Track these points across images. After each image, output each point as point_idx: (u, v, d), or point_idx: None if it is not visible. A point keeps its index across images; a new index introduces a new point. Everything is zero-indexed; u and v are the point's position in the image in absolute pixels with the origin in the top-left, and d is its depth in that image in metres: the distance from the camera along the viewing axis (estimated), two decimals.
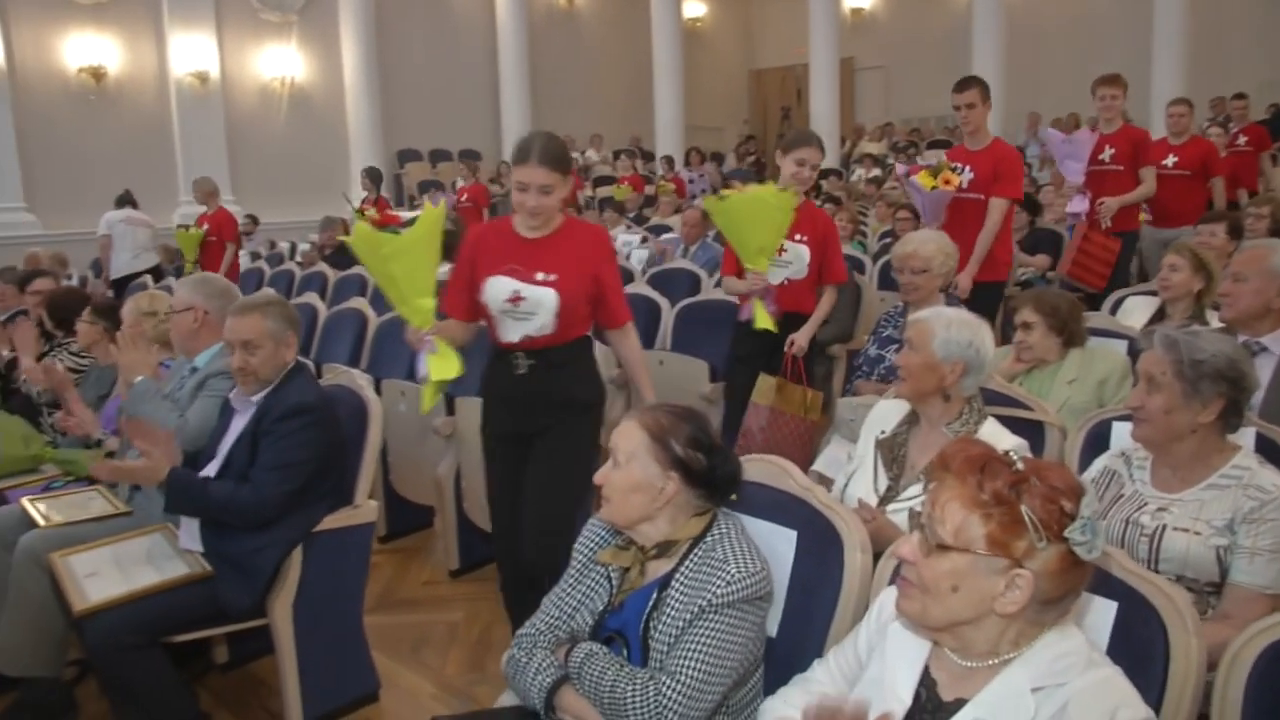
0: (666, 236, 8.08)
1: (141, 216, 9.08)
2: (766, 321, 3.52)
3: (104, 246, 9.01)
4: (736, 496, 1.81)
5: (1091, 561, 1.24)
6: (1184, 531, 1.86)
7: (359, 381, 2.89)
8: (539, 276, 2.60)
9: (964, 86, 4.51)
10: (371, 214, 2.31)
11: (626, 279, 5.95)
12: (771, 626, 1.76)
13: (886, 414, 2.38)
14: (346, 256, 7.96)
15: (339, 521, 2.71)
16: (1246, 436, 2.06)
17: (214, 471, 2.67)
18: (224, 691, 3.04)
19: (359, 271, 7.07)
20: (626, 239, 8.38)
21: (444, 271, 2.81)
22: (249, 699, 3.00)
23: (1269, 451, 2.04)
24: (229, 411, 2.78)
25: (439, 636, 3.32)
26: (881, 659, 1.37)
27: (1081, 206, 5.41)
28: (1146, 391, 1.95)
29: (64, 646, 2.84)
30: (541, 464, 2.69)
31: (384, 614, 3.45)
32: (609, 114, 15.87)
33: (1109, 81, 5.33)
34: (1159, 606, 1.41)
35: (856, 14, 16.90)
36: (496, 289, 2.62)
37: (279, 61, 13.07)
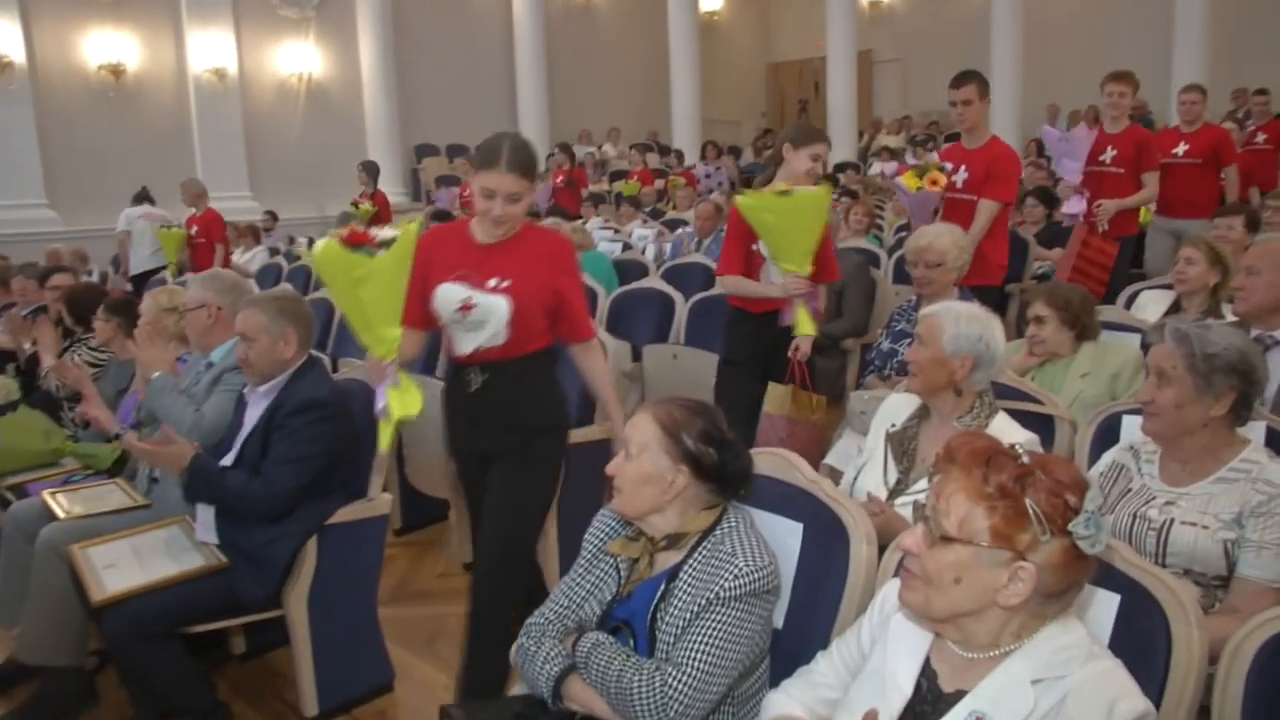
0: (680, 230, 8.08)
1: (159, 213, 9.15)
2: (809, 326, 3.41)
3: (122, 243, 9.09)
4: (746, 492, 1.82)
5: (1095, 556, 1.24)
6: (1192, 525, 1.86)
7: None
8: (491, 284, 2.42)
9: (961, 82, 4.32)
10: (340, 232, 2.07)
11: (640, 273, 6.00)
12: (778, 618, 1.77)
13: (897, 407, 2.39)
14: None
15: (353, 514, 2.74)
16: (1256, 430, 2.06)
17: (229, 464, 2.70)
18: (241, 681, 3.07)
19: None
20: (642, 233, 8.39)
21: None
22: (265, 689, 3.03)
23: (1279, 445, 2.04)
24: (243, 405, 2.81)
25: (453, 628, 3.34)
26: (883, 650, 1.38)
27: (1078, 207, 5.13)
28: (1157, 385, 1.95)
29: (84, 637, 2.88)
30: (496, 497, 2.52)
31: (399, 606, 3.48)
32: (626, 108, 15.85)
33: (1119, 78, 5.09)
34: (1161, 599, 1.41)
35: (874, 7, 16.81)
36: (447, 296, 2.45)
37: (297, 58, 13.12)
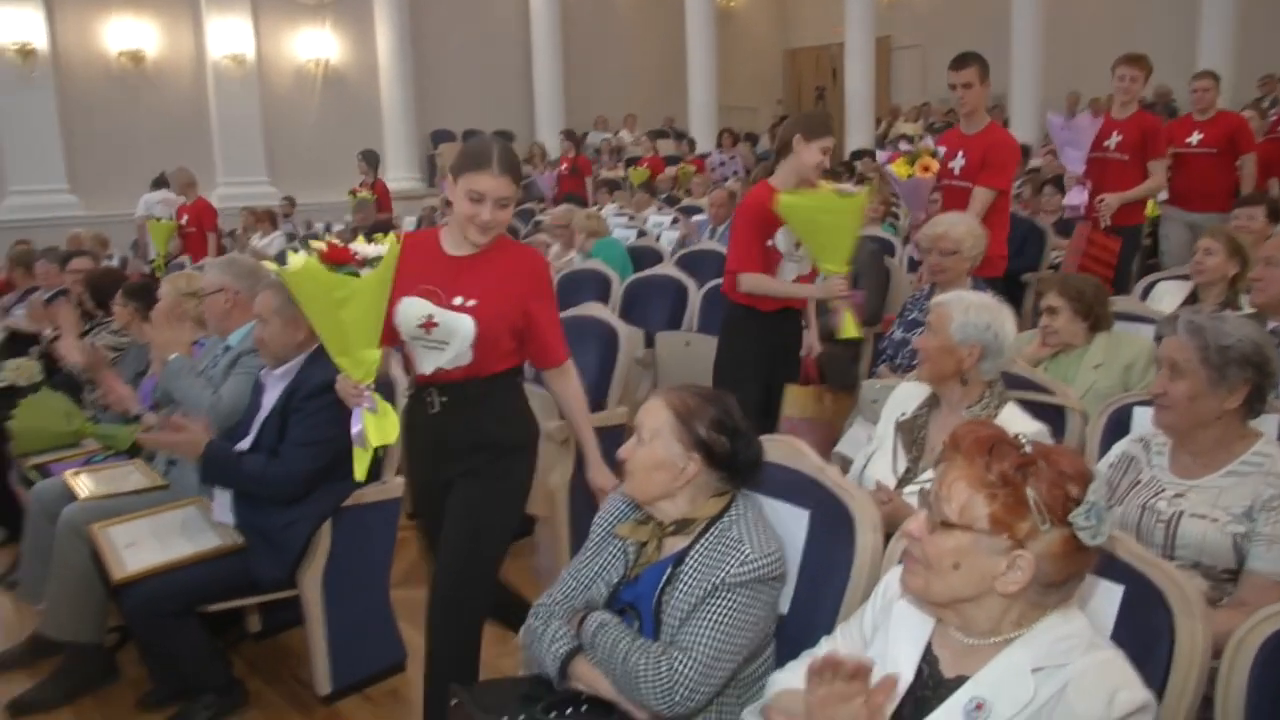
0: (698, 218, 8.07)
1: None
2: (855, 329, 3.37)
3: (141, 227, 9.16)
4: (756, 482, 1.83)
5: (1096, 547, 1.25)
6: (1201, 518, 1.86)
7: (388, 360, 2.93)
8: (456, 301, 2.24)
9: (961, 64, 4.10)
10: (320, 245, 1.93)
11: (655, 259, 6.01)
12: (784, 604, 1.78)
13: (907, 396, 2.39)
14: (383, 229, 8.03)
15: (367, 497, 2.77)
16: (1269, 424, 2.05)
17: (246, 446, 2.74)
18: (256, 660, 3.12)
19: None
20: (657, 220, 8.39)
21: None
22: (280, 667, 3.08)
23: None
24: (261, 388, 2.85)
25: None
26: (886, 636, 1.40)
27: (1079, 199, 4.90)
28: (1169, 378, 1.94)
29: (105, 614, 2.94)
30: (456, 515, 2.33)
31: (411, 588, 3.51)
32: (642, 94, 15.80)
33: (1131, 61, 4.83)
34: (1165, 591, 1.42)
35: None
36: (409, 311, 2.26)
37: (314, 44, 13.17)
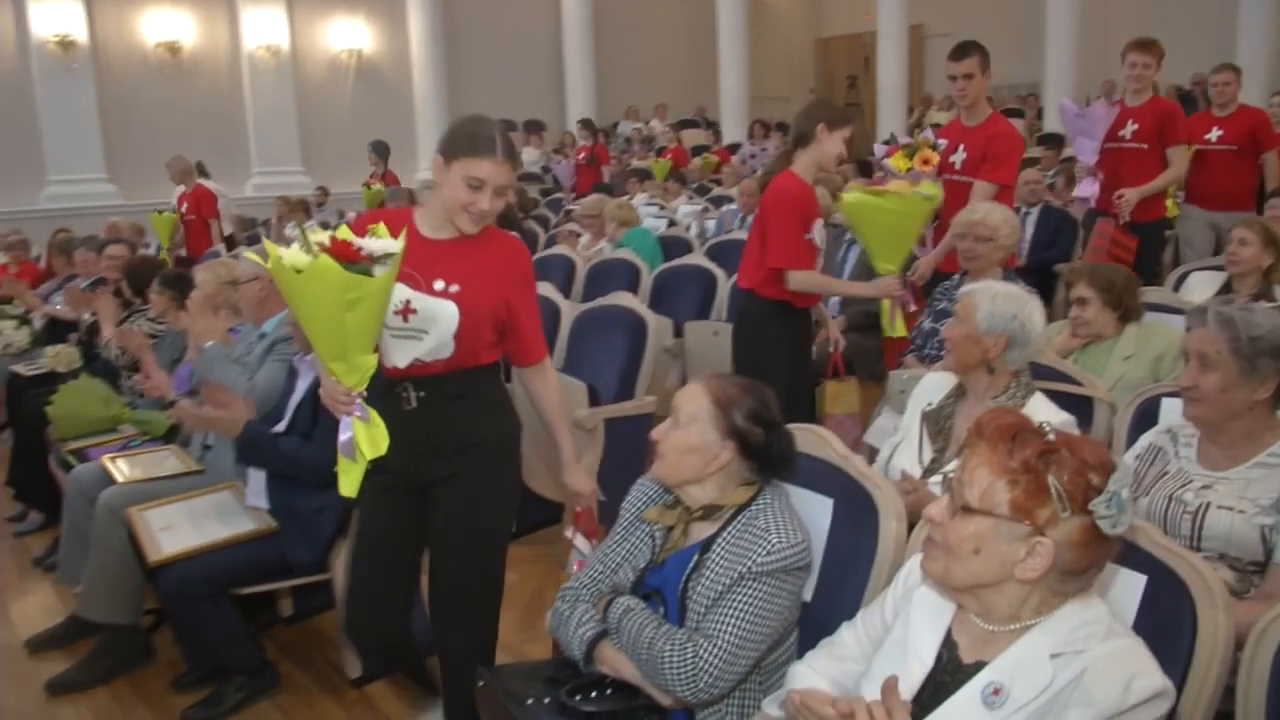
0: (728, 207, 8.07)
1: (215, 187, 9.33)
2: (904, 328, 3.37)
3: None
4: (788, 475, 1.85)
5: (1117, 536, 1.25)
6: (1228, 510, 1.85)
7: None
8: (438, 286, 2.08)
9: (961, 54, 3.97)
10: (321, 238, 1.79)
11: (684, 249, 6.01)
12: (807, 592, 1.79)
13: (934, 387, 2.39)
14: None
15: None
16: None
17: (281, 430, 2.79)
18: (288, 644, 3.18)
19: None
20: (687, 209, 8.39)
21: None
22: (311, 651, 3.13)
23: None
24: (294, 374, 2.89)
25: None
26: (906, 622, 1.40)
27: (1090, 191, 4.63)
28: (1199, 370, 1.93)
29: (141, 596, 3.01)
30: (458, 517, 2.20)
31: None
32: (674, 84, 15.76)
33: (1142, 47, 4.62)
34: (1188, 581, 1.41)
35: None
36: None
37: (347, 35, 13.27)
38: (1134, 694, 1.18)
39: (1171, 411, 2.20)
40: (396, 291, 2.02)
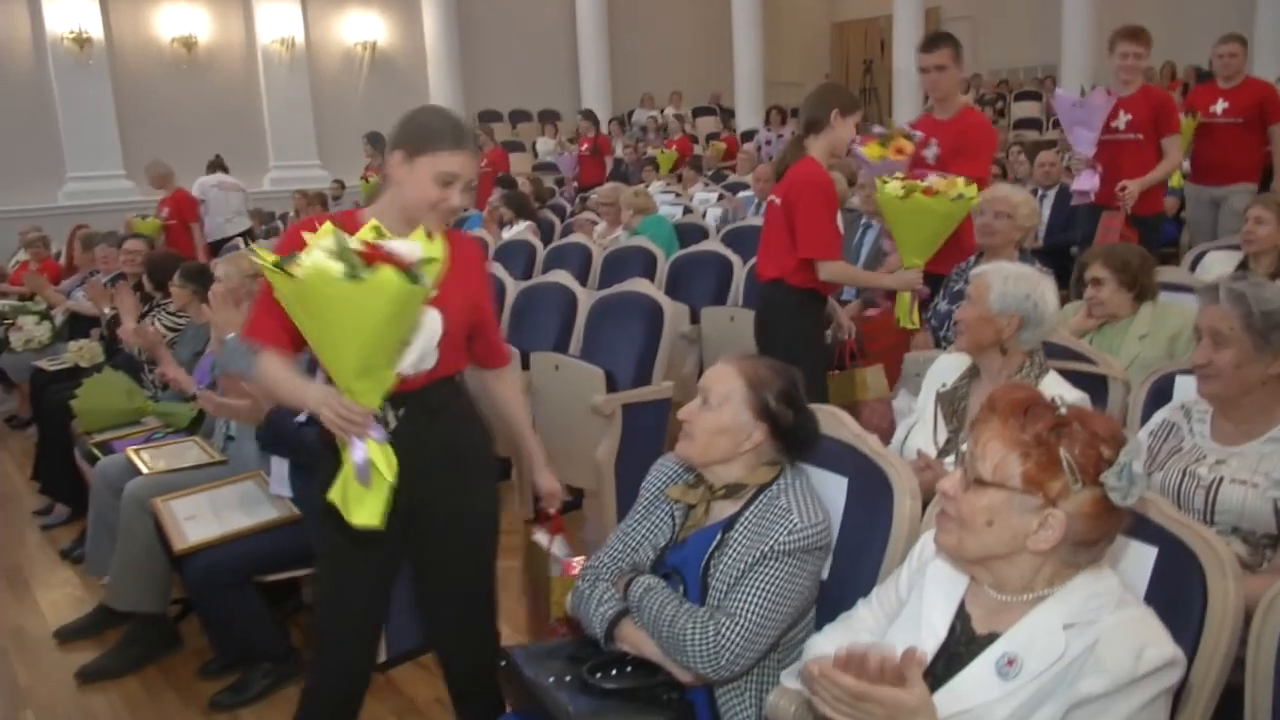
0: (744, 194, 8.07)
1: (233, 181, 9.40)
2: (917, 320, 3.38)
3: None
4: (809, 456, 1.87)
5: (1128, 508, 1.27)
6: (1241, 484, 1.86)
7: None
8: None
9: (933, 45, 3.85)
10: (354, 243, 1.53)
11: (700, 236, 6.02)
12: (824, 570, 1.81)
13: (948, 368, 2.40)
14: None
15: None
16: None
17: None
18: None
19: None
20: (703, 196, 8.40)
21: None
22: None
23: None
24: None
25: (513, 581, 3.43)
26: (920, 595, 1.43)
27: (1090, 184, 4.44)
28: (1213, 347, 1.93)
29: (168, 585, 3.06)
30: (453, 549, 2.07)
31: None
32: (688, 71, 15.73)
33: (1131, 36, 4.45)
34: (1198, 552, 1.42)
35: None
36: None
37: (361, 27, 13.33)
38: (1145, 663, 1.20)
39: (1185, 389, 2.21)
40: None
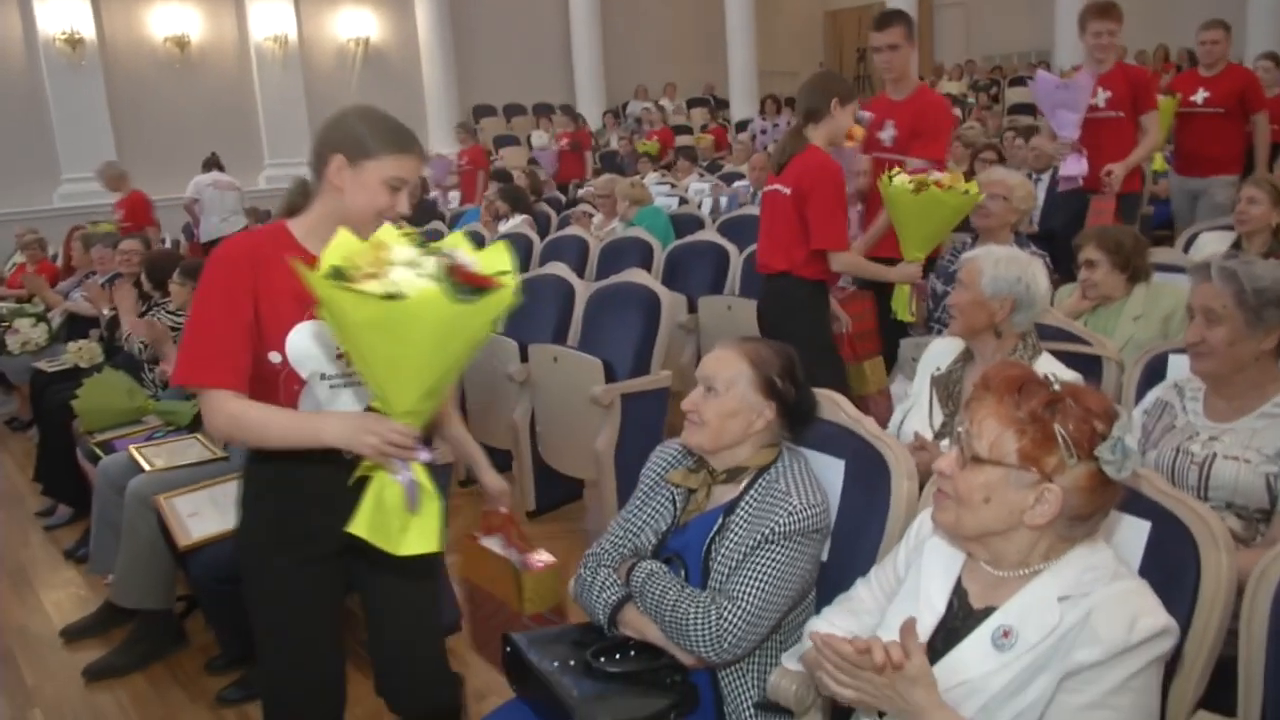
0: (739, 184, 8.09)
1: (228, 179, 9.40)
2: (913, 314, 3.39)
3: (190, 209, 9.34)
4: (804, 435, 1.89)
5: (1122, 482, 1.29)
6: (1234, 459, 1.88)
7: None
8: None
9: (885, 24, 3.76)
10: (442, 259, 1.47)
11: (696, 226, 6.03)
12: (822, 552, 1.83)
13: (942, 352, 2.42)
14: (427, 214, 8.09)
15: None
16: None
17: None
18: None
19: (437, 227, 7.20)
20: (699, 187, 8.42)
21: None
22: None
23: None
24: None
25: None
26: (918, 573, 1.45)
27: (1078, 169, 4.31)
28: (1205, 325, 1.95)
29: (172, 581, 3.08)
30: (406, 598, 2.00)
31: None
32: (683, 62, 15.73)
33: (1101, 13, 4.30)
34: (1191, 526, 1.45)
35: None
36: (314, 342, 1.73)
37: (354, 23, 13.31)
38: (1139, 632, 1.22)
39: (1178, 367, 2.23)
40: (326, 333, 1.69)
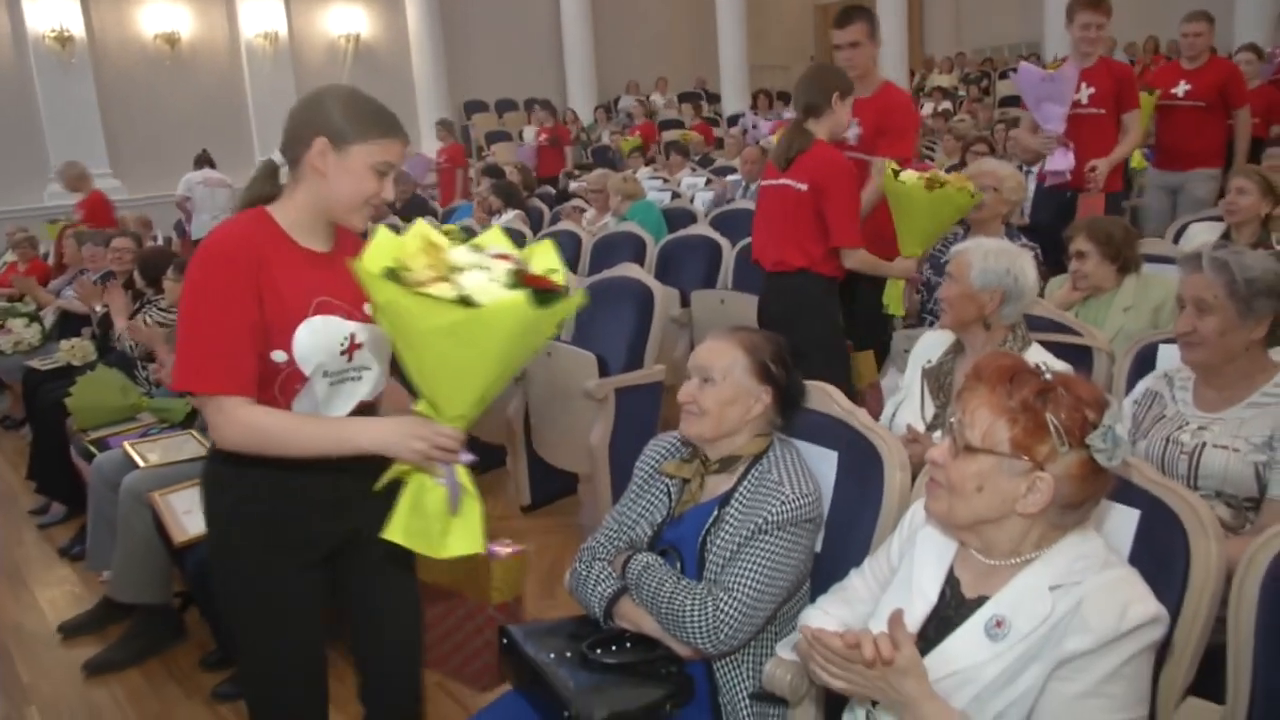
0: (731, 177, 8.09)
1: (219, 177, 9.38)
2: (901, 308, 3.40)
3: (182, 207, 9.32)
4: (795, 421, 1.92)
5: (1112, 470, 1.30)
6: (1223, 449, 1.90)
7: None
8: (369, 309, 1.64)
9: (846, 20, 3.65)
10: (506, 262, 1.40)
11: (689, 220, 6.04)
12: (816, 543, 1.84)
13: (932, 344, 2.44)
14: (418, 210, 8.08)
15: None
16: None
17: None
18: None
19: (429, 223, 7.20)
20: (691, 181, 8.42)
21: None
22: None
23: None
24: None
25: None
26: (911, 562, 1.46)
27: (1065, 163, 4.16)
28: (1196, 315, 1.96)
29: (169, 576, 3.09)
30: (391, 579, 1.90)
31: None
32: (674, 57, 15.73)
33: (1092, 6, 4.18)
34: (1180, 514, 1.46)
35: None
36: (326, 337, 1.67)
37: (345, 19, 13.29)
38: (1129, 620, 1.23)
39: (1168, 357, 2.25)
40: (336, 327, 1.68)
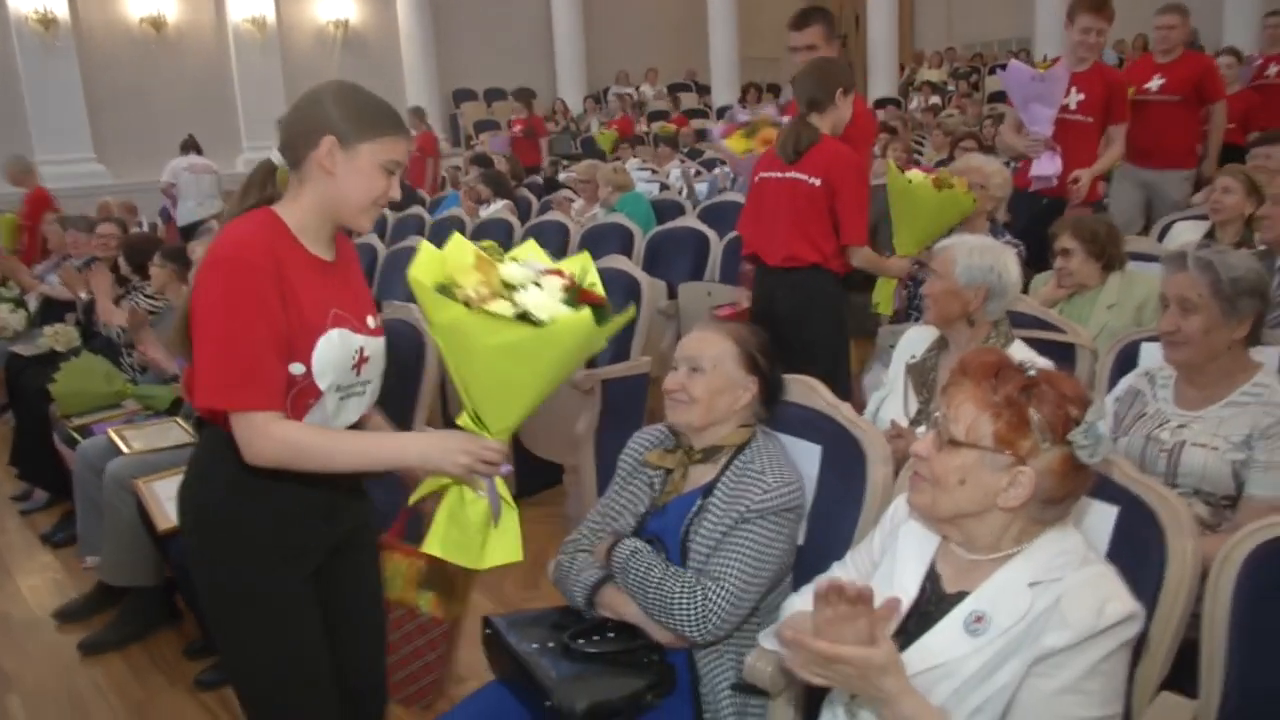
0: (720, 169, 8.10)
1: (204, 163, 9.30)
2: (890, 307, 3.40)
3: (167, 193, 9.26)
4: (777, 413, 1.94)
5: (1093, 467, 1.32)
6: (1202, 447, 1.92)
7: (417, 315, 3.00)
8: (370, 322, 1.70)
9: (803, 23, 3.56)
10: (556, 278, 1.53)
11: (677, 212, 6.05)
12: (799, 536, 1.86)
13: (916, 340, 2.46)
14: (406, 199, 8.08)
15: None
16: (1269, 356, 2.09)
17: None
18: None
19: (417, 212, 7.20)
20: (679, 173, 8.43)
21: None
22: None
23: None
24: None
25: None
26: (893, 557, 1.47)
27: (1052, 168, 4.02)
28: (1180, 314, 1.98)
29: (159, 559, 3.08)
30: (367, 577, 1.89)
31: None
32: (664, 47, 15.69)
33: (1095, 9, 4.04)
34: (1158, 511, 1.48)
35: None
36: (339, 351, 1.62)
37: (333, 5, 13.19)
38: (1107, 617, 1.24)
39: (1150, 355, 2.27)
40: (347, 341, 1.63)
